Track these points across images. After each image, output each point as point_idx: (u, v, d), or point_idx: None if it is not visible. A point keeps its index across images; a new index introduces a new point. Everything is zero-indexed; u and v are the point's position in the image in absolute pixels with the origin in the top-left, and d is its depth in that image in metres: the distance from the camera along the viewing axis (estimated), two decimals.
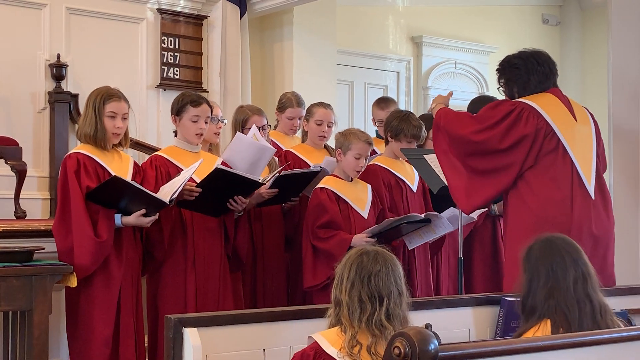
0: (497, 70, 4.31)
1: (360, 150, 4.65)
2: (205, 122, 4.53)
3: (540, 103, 4.03)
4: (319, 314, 3.01)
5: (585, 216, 3.98)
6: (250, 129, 4.85)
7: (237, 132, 4.85)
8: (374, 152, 5.24)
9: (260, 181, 4.41)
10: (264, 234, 4.89)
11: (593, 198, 4.01)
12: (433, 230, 4.73)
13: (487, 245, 5.43)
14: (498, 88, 4.30)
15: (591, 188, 4.01)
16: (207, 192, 4.28)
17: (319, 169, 4.80)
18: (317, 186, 4.67)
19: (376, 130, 5.86)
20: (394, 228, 4.55)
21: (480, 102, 5.68)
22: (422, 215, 4.63)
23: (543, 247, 3.15)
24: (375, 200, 4.79)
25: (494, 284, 5.33)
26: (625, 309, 3.79)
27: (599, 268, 3.82)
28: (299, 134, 5.57)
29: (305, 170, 4.82)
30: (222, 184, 4.29)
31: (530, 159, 3.99)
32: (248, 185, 4.38)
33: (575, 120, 4.07)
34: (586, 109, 4.24)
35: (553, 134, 4.00)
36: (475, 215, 4.97)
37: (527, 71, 4.14)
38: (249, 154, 4.57)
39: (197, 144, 4.57)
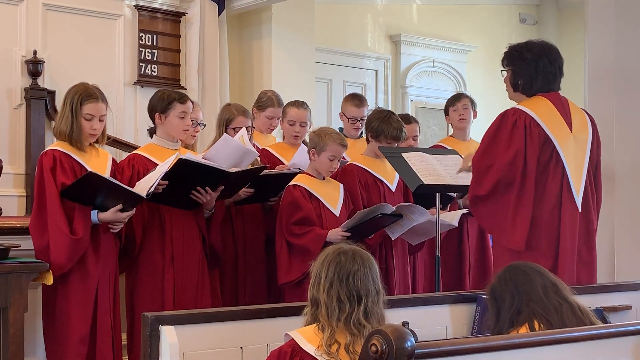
0: (506, 53, 4.19)
1: (334, 152, 4.66)
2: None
3: (538, 111, 4.02)
4: (296, 311, 3.01)
5: (572, 228, 4.01)
6: (234, 128, 4.87)
7: (224, 133, 4.83)
8: None
9: (226, 170, 4.37)
10: (245, 231, 4.89)
11: (580, 210, 4.03)
12: (411, 219, 4.74)
13: (454, 243, 5.46)
14: (502, 71, 4.22)
15: (579, 200, 4.03)
16: (174, 183, 4.24)
17: (297, 170, 4.80)
18: (290, 183, 4.68)
19: (340, 128, 5.81)
20: (369, 221, 4.56)
21: (449, 100, 5.73)
22: (394, 208, 4.64)
23: (504, 274, 3.17)
24: (347, 199, 4.80)
25: (457, 282, 5.36)
26: (601, 307, 3.82)
27: (585, 273, 3.89)
28: (274, 132, 5.57)
29: (285, 171, 4.82)
30: (188, 175, 4.25)
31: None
32: (215, 176, 4.34)
33: (571, 130, 4.07)
34: (586, 113, 4.23)
35: (549, 143, 4.00)
36: (455, 222, 4.98)
37: (536, 70, 4.08)
38: (232, 157, 4.54)
39: (182, 140, 4.57)
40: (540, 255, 3.89)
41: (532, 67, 4.09)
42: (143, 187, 4.19)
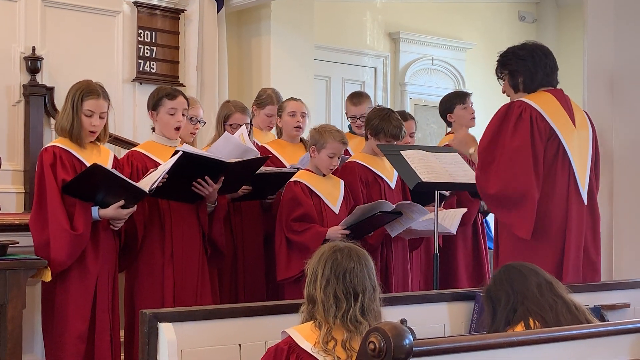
0: (499, 61, 4.25)
1: (334, 149, 4.66)
2: (183, 115, 4.50)
3: (543, 106, 4.05)
4: (294, 309, 3.01)
5: (578, 221, 4.05)
6: (231, 125, 4.87)
7: (225, 131, 4.83)
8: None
9: (226, 161, 4.37)
10: (244, 228, 4.89)
11: (585, 203, 4.09)
12: (411, 217, 4.74)
13: (469, 240, 5.47)
14: (498, 79, 4.27)
15: (584, 193, 4.08)
16: (176, 177, 4.23)
17: (296, 169, 4.80)
18: (290, 180, 4.68)
19: (349, 125, 5.87)
20: (369, 219, 4.56)
21: (452, 97, 5.73)
22: (394, 205, 4.64)
23: (499, 275, 3.18)
24: (347, 196, 4.81)
25: (476, 278, 5.38)
26: (599, 305, 3.82)
27: (587, 270, 3.96)
28: (274, 130, 5.57)
29: (283, 169, 4.82)
30: (190, 167, 4.23)
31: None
32: (216, 168, 4.32)
33: (574, 125, 4.12)
34: (585, 112, 4.29)
35: (555, 137, 4.04)
36: (454, 229, 4.98)
37: (534, 63, 4.13)
38: (233, 155, 4.53)
39: (175, 138, 4.55)
40: (549, 248, 3.96)
41: (529, 61, 4.14)
42: (146, 183, 4.18)
